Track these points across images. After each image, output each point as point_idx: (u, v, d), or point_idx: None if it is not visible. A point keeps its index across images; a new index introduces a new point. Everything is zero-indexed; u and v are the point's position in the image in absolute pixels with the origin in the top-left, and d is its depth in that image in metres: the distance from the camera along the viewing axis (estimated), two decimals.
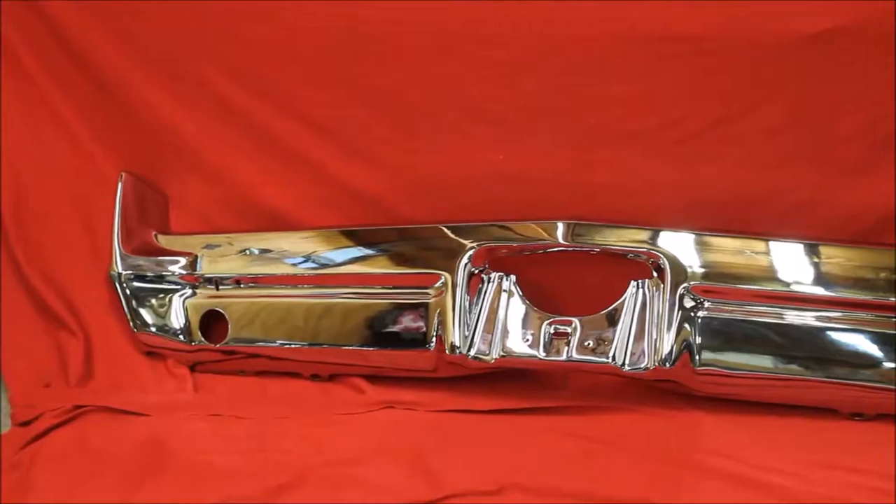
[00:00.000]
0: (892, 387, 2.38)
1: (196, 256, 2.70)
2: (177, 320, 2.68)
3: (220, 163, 2.74)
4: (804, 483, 2.24)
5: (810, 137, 2.55)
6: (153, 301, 2.69)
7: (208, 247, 2.70)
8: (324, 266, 2.62)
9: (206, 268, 2.69)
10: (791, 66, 2.50)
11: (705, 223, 2.53)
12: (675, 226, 2.50)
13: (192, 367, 2.71)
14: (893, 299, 2.41)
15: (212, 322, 2.69)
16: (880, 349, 2.38)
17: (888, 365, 2.37)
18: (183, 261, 2.70)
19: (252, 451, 2.40)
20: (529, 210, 2.57)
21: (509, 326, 2.49)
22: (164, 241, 2.75)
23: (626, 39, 2.55)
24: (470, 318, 2.49)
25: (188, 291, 2.70)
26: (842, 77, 2.50)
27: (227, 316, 2.67)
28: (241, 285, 2.67)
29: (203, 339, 2.68)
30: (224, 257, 2.68)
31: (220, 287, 2.69)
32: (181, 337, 2.67)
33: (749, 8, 2.48)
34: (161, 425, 2.48)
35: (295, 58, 2.66)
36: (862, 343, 2.40)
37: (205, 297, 2.70)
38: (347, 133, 2.68)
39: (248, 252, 2.66)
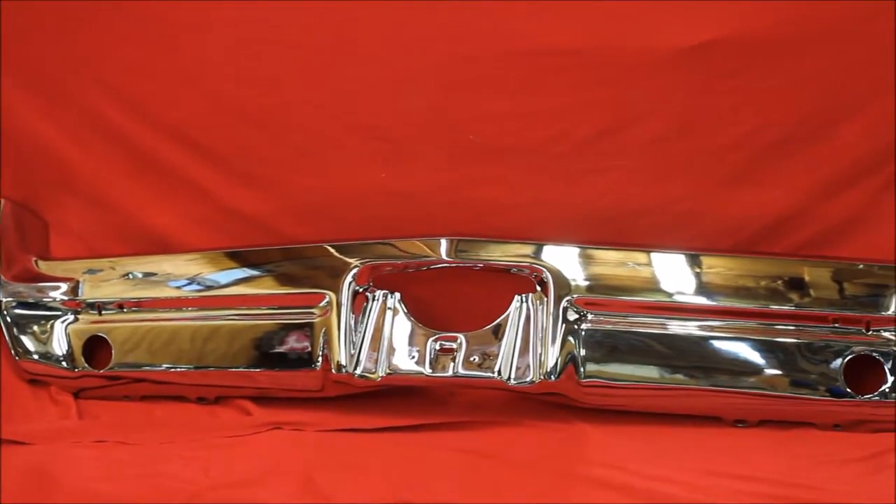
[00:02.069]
0: (775, 393, 2.39)
1: (78, 282, 2.66)
2: (59, 347, 2.65)
3: (103, 186, 2.72)
4: (691, 491, 2.24)
5: (692, 148, 2.58)
6: (35, 328, 2.66)
7: (90, 271, 2.67)
8: (208, 288, 2.60)
9: (87, 293, 2.66)
10: (672, 77, 2.52)
11: (591, 236, 2.54)
12: (562, 239, 2.51)
13: (76, 394, 2.68)
14: (774, 307, 2.39)
15: (95, 348, 2.65)
16: (762, 356, 2.41)
17: (770, 372, 2.39)
18: (64, 286, 2.66)
19: (139, 476, 2.36)
20: (413, 227, 2.57)
21: (395, 344, 2.48)
22: (44, 266, 2.71)
23: (507, 55, 2.56)
24: (355, 337, 2.47)
25: (70, 317, 2.67)
26: (722, 88, 2.53)
27: (110, 341, 2.64)
28: (125, 309, 2.64)
29: (87, 365, 2.65)
30: (106, 282, 2.64)
31: (103, 312, 2.66)
32: (64, 363, 2.64)
33: (629, 21, 2.51)
34: (45, 454, 2.43)
35: (177, 80, 2.66)
36: (744, 351, 2.42)
37: (87, 323, 2.66)
38: (231, 154, 2.67)
39: (131, 276, 2.63)
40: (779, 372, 2.39)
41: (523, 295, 2.47)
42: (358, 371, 2.45)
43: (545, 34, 2.53)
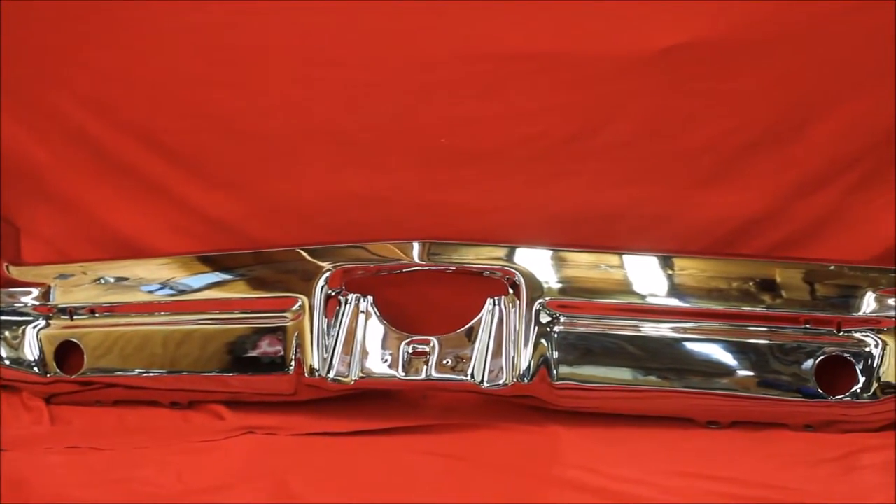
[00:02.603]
0: (747, 394, 2.40)
1: (49, 287, 2.66)
2: (31, 352, 2.64)
3: (74, 191, 2.71)
4: (664, 492, 2.25)
5: (663, 151, 2.58)
6: (6, 333, 2.66)
7: (61, 276, 2.66)
8: (181, 292, 2.59)
9: (59, 298, 2.65)
10: (642, 80, 2.53)
11: (563, 239, 2.54)
12: (534, 242, 2.50)
13: (48, 400, 2.67)
14: (746, 309, 2.39)
15: (67, 353, 2.64)
16: (734, 358, 2.42)
17: (742, 373, 2.40)
18: (35, 291, 2.66)
19: (112, 482, 2.35)
20: (385, 230, 2.58)
21: (368, 347, 2.48)
22: (15, 272, 2.70)
23: (477, 59, 2.56)
24: (328, 341, 2.47)
25: (42, 322, 2.66)
26: (692, 90, 2.54)
27: (82, 346, 2.63)
28: (97, 314, 2.63)
29: (58, 370, 2.64)
30: (78, 287, 2.64)
31: (75, 317, 2.65)
32: (35, 369, 2.63)
33: (598, 24, 2.52)
34: (18, 460, 2.42)
35: (147, 85, 2.65)
36: (716, 352, 2.42)
37: (59, 328, 2.66)
38: (202, 159, 2.67)
39: (102, 281, 2.62)
40: (751, 373, 2.40)
41: (496, 298, 2.47)
42: (331, 375, 2.45)
43: (514, 38, 2.53)
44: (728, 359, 2.41)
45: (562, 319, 2.42)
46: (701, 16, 2.48)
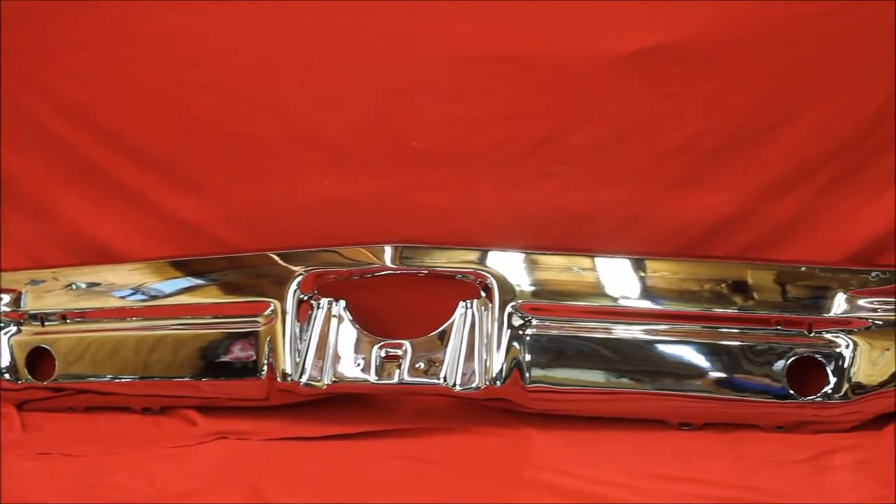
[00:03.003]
0: (719, 396, 2.41)
1: (20, 293, 2.65)
2: (2, 359, 2.64)
3: (45, 196, 2.71)
4: (637, 495, 2.25)
5: (635, 153, 2.59)
6: None
7: (33, 282, 2.65)
8: (153, 298, 2.59)
9: (30, 304, 2.65)
10: (614, 83, 2.53)
11: (535, 241, 2.55)
12: (507, 245, 2.50)
13: (20, 406, 2.66)
14: (718, 310, 2.40)
15: (39, 359, 2.64)
16: (706, 360, 2.42)
17: (714, 375, 2.40)
18: (6, 297, 2.66)
19: (84, 488, 2.35)
20: (358, 234, 2.57)
21: (340, 351, 2.48)
22: None
23: (449, 62, 2.57)
24: (300, 345, 2.47)
25: (13, 329, 2.66)
26: (665, 93, 2.54)
27: (53, 352, 2.62)
28: (68, 320, 2.62)
29: (30, 376, 2.63)
30: (49, 292, 2.63)
31: (46, 323, 2.64)
32: (6, 375, 2.63)
33: (572, 27, 2.52)
34: None
35: (119, 89, 2.65)
36: (688, 354, 2.43)
37: (30, 334, 2.65)
38: (173, 163, 2.67)
39: (74, 286, 2.61)
40: (723, 375, 2.41)
41: (468, 301, 2.46)
42: (303, 379, 2.45)
43: (487, 41, 2.53)
44: (700, 360, 2.41)
45: (534, 322, 2.42)
46: (672, 19, 2.48)
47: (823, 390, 2.38)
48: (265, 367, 2.47)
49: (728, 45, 2.50)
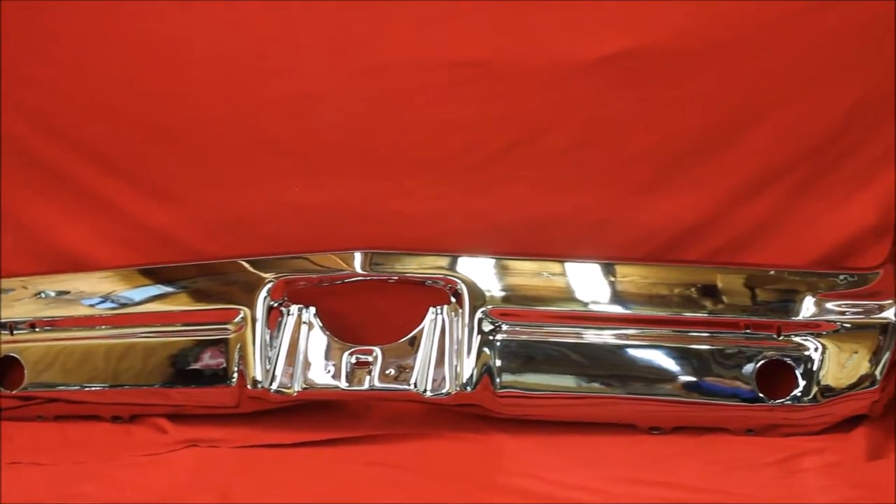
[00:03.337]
0: (689, 400, 2.42)
1: None
2: None
3: (12, 205, 2.70)
4: (608, 498, 2.27)
5: (603, 158, 2.60)
6: None
7: (1, 291, 2.62)
8: (123, 306, 2.58)
9: None
10: (581, 88, 2.54)
11: (505, 247, 2.55)
12: (476, 250, 2.50)
13: None
14: (688, 314, 2.41)
15: (7, 368, 2.62)
16: (676, 364, 2.43)
17: (684, 379, 2.41)
18: None
19: (54, 497, 2.34)
20: (328, 240, 2.56)
21: (311, 358, 2.48)
22: None
23: (417, 68, 2.57)
24: (271, 352, 2.47)
25: None
26: (631, 98, 2.55)
27: (22, 361, 2.60)
28: (37, 329, 2.61)
29: None
30: (18, 301, 2.62)
31: (15, 332, 2.63)
32: None
33: (538, 33, 2.52)
34: None
35: (87, 97, 2.63)
36: (658, 358, 2.44)
37: None
38: (142, 171, 2.66)
39: (43, 295, 2.60)
40: (692, 378, 2.42)
41: (438, 307, 2.46)
42: (273, 386, 2.44)
43: (454, 47, 2.54)
44: (670, 365, 2.42)
45: (504, 328, 2.43)
46: (638, 25, 2.49)
47: (793, 393, 2.39)
48: (235, 375, 2.46)
49: (693, 50, 2.51)
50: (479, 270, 2.48)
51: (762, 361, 2.41)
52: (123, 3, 2.57)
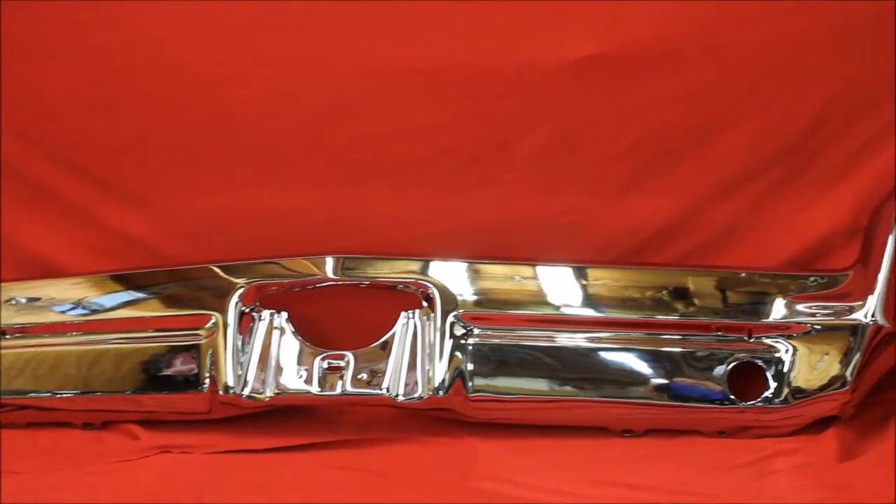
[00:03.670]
0: (660, 402, 2.43)
1: None
2: None
3: None
4: (579, 501, 2.27)
5: (579, 160, 2.60)
6: None
7: None
8: (94, 312, 2.57)
9: None
10: (556, 90, 2.54)
11: (479, 250, 2.55)
12: (448, 255, 2.50)
13: None
14: (660, 317, 2.41)
15: None
16: (648, 366, 2.44)
17: (656, 381, 2.42)
18: None
19: None
20: (299, 245, 2.56)
21: (283, 363, 2.48)
22: None
23: (391, 72, 2.56)
24: (242, 358, 2.47)
25: None
26: (606, 100, 2.56)
27: None
28: (8, 336, 2.59)
29: None
30: None
31: None
32: None
33: (514, 36, 2.53)
34: None
35: (58, 102, 2.62)
36: (630, 361, 2.45)
37: None
38: (112, 176, 2.65)
39: (14, 301, 2.59)
40: (664, 381, 2.42)
41: (410, 311, 2.46)
42: (246, 392, 2.44)
43: (430, 50, 2.54)
44: (642, 367, 2.43)
45: (476, 332, 2.43)
46: (614, 27, 2.50)
47: (764, 395, 2.38)
48: (207, 380, 2.46)
49: (667, 52, 2.52)
50: (450, 274, 2.48)
51: (733, 363, 2.41)
52: (96, 11, 2.55)
